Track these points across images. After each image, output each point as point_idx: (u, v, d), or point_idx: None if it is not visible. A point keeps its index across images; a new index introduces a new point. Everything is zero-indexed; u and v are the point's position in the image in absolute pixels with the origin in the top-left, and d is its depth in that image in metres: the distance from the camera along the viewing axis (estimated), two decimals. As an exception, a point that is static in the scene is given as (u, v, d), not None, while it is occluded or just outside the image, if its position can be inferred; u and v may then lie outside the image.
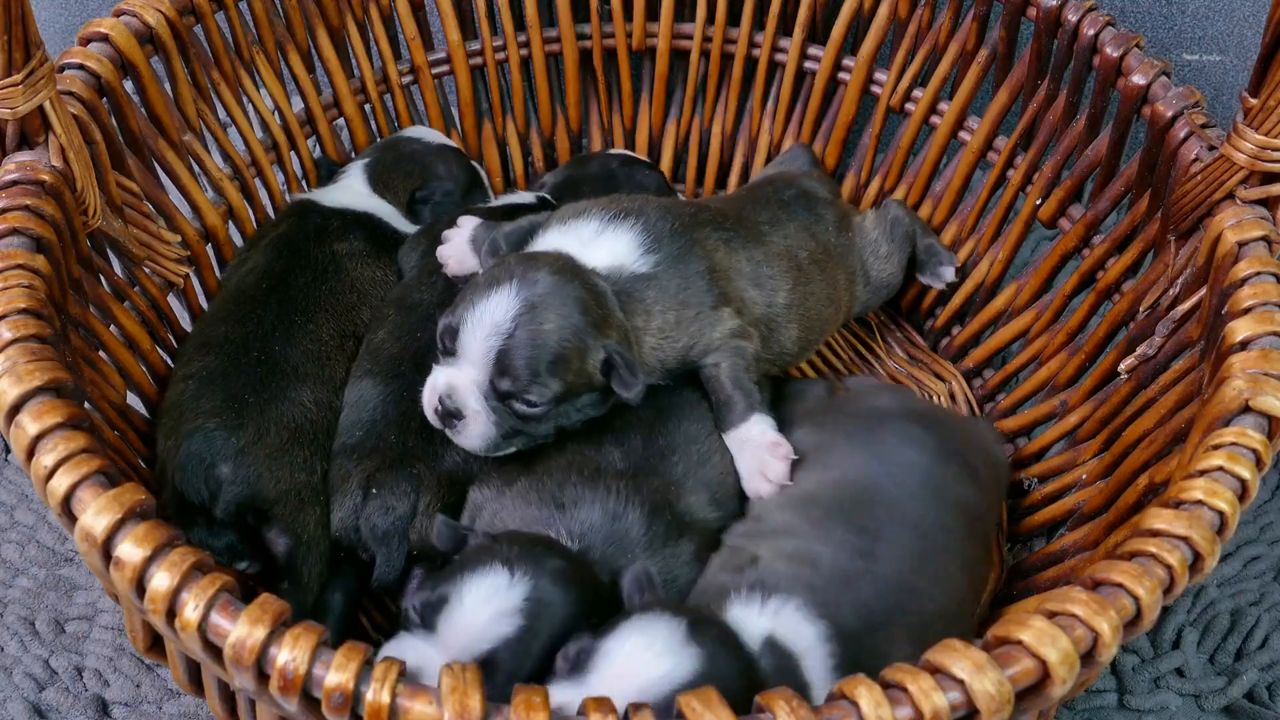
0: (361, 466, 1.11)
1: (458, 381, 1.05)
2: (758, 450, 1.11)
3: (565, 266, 1.07)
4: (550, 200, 1.39)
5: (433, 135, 1.46)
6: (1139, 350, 1.14)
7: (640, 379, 1.05)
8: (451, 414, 1.05)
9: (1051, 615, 0.75)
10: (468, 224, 1.25)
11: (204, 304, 1.29)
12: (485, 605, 0.90)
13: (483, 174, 1.49)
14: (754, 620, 0.92)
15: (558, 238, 1.13)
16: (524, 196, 1.41)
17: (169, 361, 1.20)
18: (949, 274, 1.41)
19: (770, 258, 1.20)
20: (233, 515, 1.07)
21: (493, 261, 1.11)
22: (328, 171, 1.42)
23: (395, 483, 1.09)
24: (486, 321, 1.03)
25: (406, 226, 1.36)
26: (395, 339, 1.19)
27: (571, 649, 0.87)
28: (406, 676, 0.71)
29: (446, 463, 1.12)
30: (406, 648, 0.90)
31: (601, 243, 1.11)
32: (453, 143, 1.47)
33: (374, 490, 1.09)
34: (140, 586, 0.74)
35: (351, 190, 1.36)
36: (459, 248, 1.23)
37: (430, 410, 1.07)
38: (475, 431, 1.06)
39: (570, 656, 0.87)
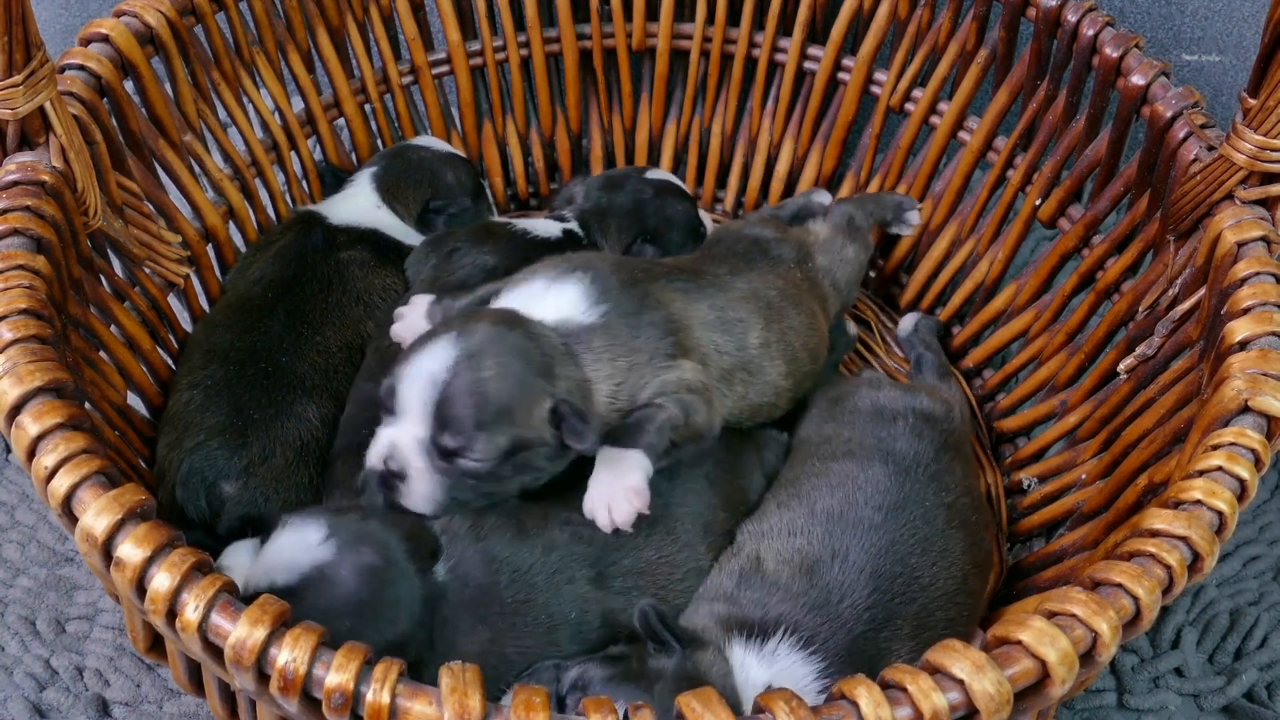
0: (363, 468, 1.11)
1: (399, 439, 0.99)
2: (618, 485, 1.02)
3: (506, 318, 1.02)
4: (577, 234, 1.37)
5: (439, 144, 1.46)
6: (1138, 350, 1.14)
7: (593, 428, 0.99)
8: (395, 474, 0.99)
9: (1051, 615, 0.75)
10: (421, 302, 1.19)
11: (204, 304, 1.29)
12: (299, 543, 0.93)
13: (486, 187, 1.49)
14: (755, 668, 0.94)
15: (507, 299, 1.09)
16: (548, 227, 1.36)
17: (169, 362, 1.21)
18: (915, 218, 1.47)
19: (735, 301, 1.15)
20: (235, 533, 1.07)
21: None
22: (334, 179, 1.42)
23: None
24: (424, 373, 0.98)
25: (411, 239, 1.35)
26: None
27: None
28: (406, 676, 0.71)
29: None
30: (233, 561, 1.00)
31: (549, 297, 1.06)
32: (460, 151, 1.47)
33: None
34: (141, 587, 0.74)
35: (359, 201, 1.36)
36: (414, 325, 1.17)
37: (372, 475, 1.01)
38: (420, 492, 0.99)
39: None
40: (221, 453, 1.07)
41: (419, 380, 0.98)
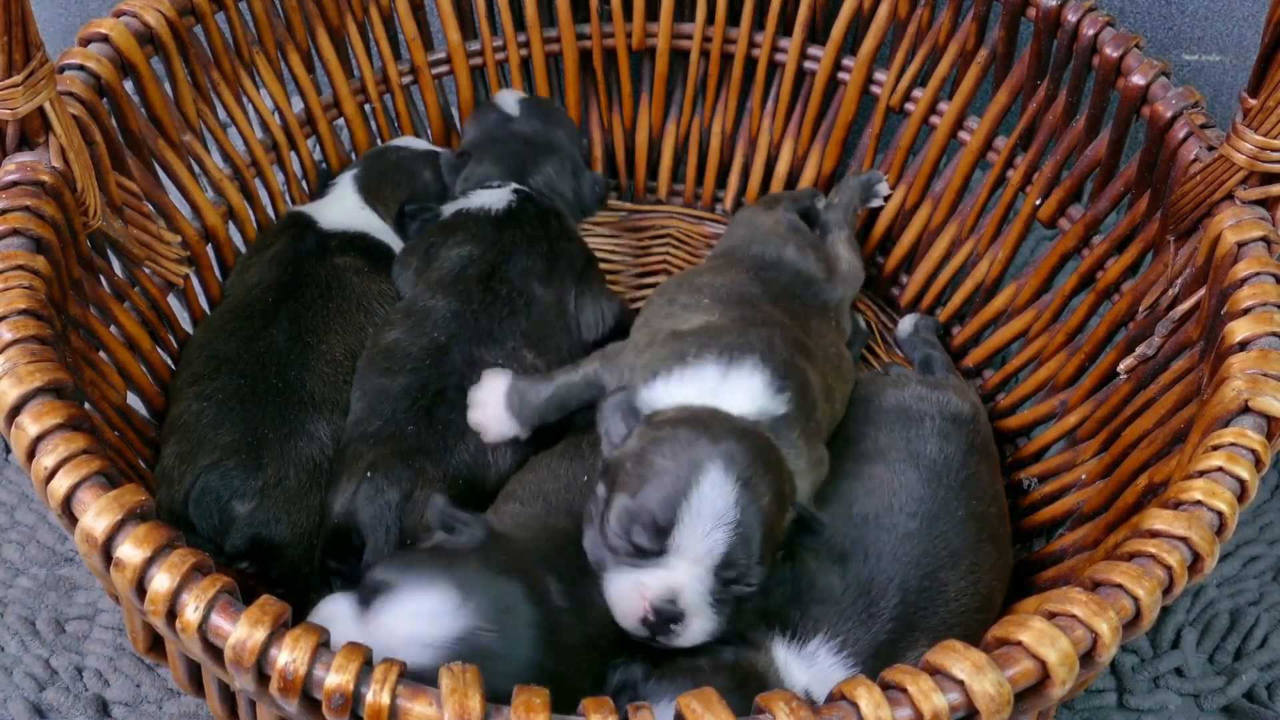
0: (372, 452, 1.12)
1: (678, 582, 0.93)
2: None
3: (746, 431, 0.98)
4: (526, 192, 1.37)
5: (417, 143, 1.46)
6: (1138, 350, 1.14)
7: (827, 524, 0.99)
8: (672, 618, 0.93)
9: (1051, 616, 0.75)
10: (499, 381, 1.14)
11: (204, 304, 1.29)
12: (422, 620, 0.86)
13: None
14: (795, 668, 0.94)
15: (672, 390, 1.03)
16: (495, 197, 1.35)
17: (169, 362, 1.20)
18: (884, 188, 1.49)
19: (819, 365, 1.13)
20: (243, 550, 1.08)
21: (632, 427, 0.99)
22: (321, 182, 1.42)
23: (392, 470, 1.10)
24: (708, 513, 0.92)
25: (398, 241, 1.36)
26: (412, 339, 1.20)
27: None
28: (406, 677, 0.71)
29: (454, 461, 1.12)
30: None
31: (734, 388, 1.02)
32: (437, 148, 1.47)
33: (369, 474, 1.10)
34: (140, 588, 0.74)
35: (344, 204, 1.36)
36: (495, 413, 1.12)
37: (637, 621, 0.94)
38: (699, 628, 0.94)
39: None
40: (237, 473, 1.07)
41: (706, 521, 0.92)
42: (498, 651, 0.86)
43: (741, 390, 1.02)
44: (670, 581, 0.93)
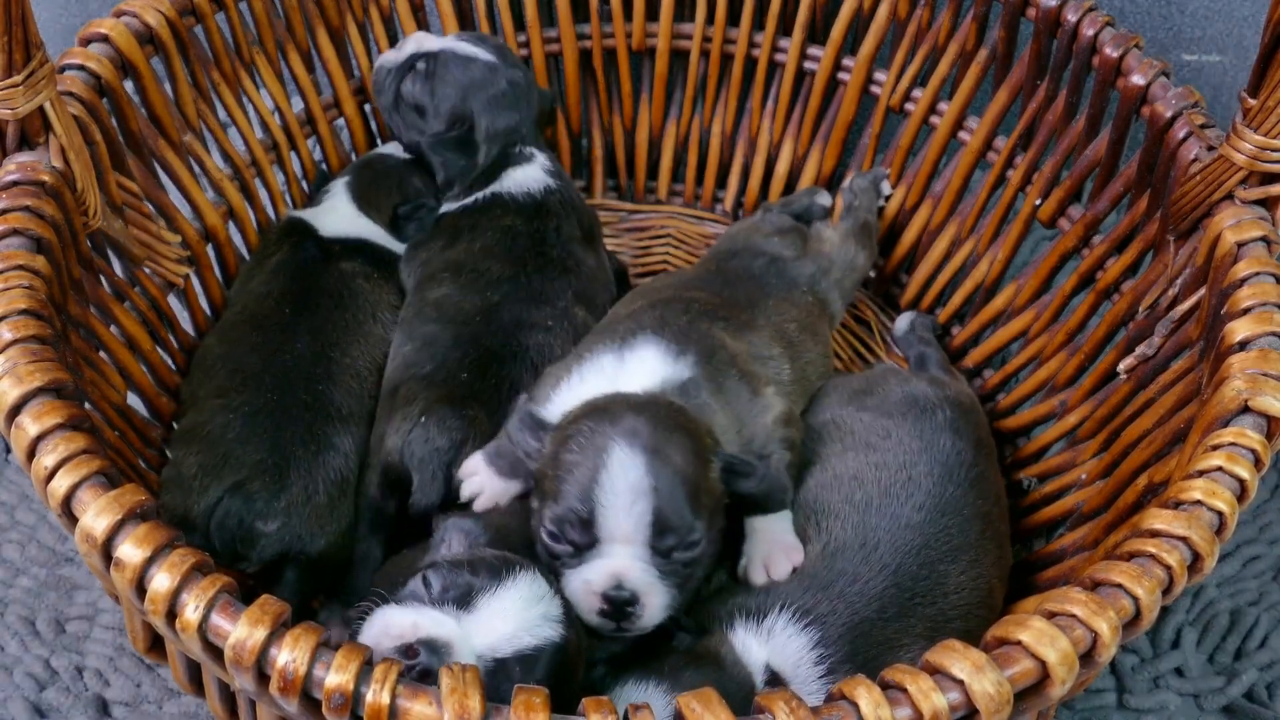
0: (428, 394, 1.13)
1: (619, 566, 0.94)
2: (775, 546, 1.04)
3: (645, 402, 0.99)
4: (549, 165, 1.37)
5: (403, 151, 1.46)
6: (1138, 350, 1.14)
7: (759, 467, 1.01)
8: (626, 602, 0.94)
9: (1051, 615, 0.75)
10: (475, 460, 1.11)
11: (204, 305, 1.29)
12: (532, 605, 0.87)
13: None
14: (754, 645, 0.95)
15: (575, 389, 1.05)
16: (531, 177, 1.34)
17: (170, 362, 1.20)
18: (886, 188, 1.49)
19: (765, 341, 1.16)
20: (270, 565, 1.08)
21: (539, 436, 1.01)
22: (314, 188, 1.42)
23: (445, 417, 1.11)
24: (623, 490, 0.93)
25: (398, 246, 1.36)
26: (464, 296, 1.21)
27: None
28: (406, 676, 0.71)
29: (508, 413, 1.12)
30: (430, 620, 0.84)
31: (633, 367, 1.05)
32: None
33: (423, 419, 1.11)
34: (141, 587, 0.74)
35: (341, 212, 1.35)
36: (487, 479, 1.09)
37: (594, 612, 0.95)
38: (656, 604, 0.95)
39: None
40: (260, 495, 1.07)
41: (620, 497, 0.93)
42: (577, 620, 0.92)
43: (639, 366, 1.05)
44: (610, 568, 0.94)
